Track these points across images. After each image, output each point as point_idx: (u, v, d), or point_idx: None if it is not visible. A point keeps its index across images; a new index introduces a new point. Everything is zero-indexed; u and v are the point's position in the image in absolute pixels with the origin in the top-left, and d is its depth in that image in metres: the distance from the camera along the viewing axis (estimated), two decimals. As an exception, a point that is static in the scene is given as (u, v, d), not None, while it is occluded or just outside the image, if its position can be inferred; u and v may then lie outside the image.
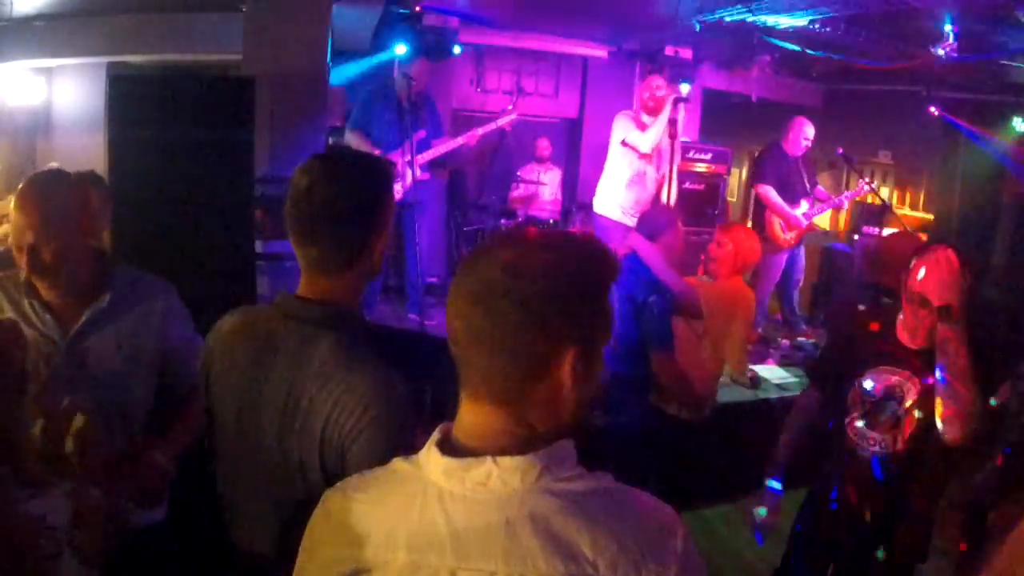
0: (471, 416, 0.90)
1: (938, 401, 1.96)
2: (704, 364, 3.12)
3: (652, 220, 3.17)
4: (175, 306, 1.84)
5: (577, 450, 0.91)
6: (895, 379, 2.13)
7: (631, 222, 4.78)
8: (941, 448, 2.05)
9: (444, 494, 0.86)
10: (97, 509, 1.42)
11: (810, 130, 5.33)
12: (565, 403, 0.90)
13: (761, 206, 5.47)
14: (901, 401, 2.11)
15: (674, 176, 4.86)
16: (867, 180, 5.57)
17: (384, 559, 0.87)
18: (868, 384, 2.18)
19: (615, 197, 4.85)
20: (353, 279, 1.33)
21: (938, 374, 1.95)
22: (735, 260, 3.25)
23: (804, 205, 5.42)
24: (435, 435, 0.91)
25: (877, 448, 2.15)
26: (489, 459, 0.86)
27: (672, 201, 4.95)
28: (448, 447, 0.89)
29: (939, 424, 1.96)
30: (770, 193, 5.33)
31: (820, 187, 5.61)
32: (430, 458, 0.89)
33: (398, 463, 0.93)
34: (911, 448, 2.11)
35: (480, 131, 5.21)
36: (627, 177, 4.83)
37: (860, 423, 2.19)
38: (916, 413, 2.09)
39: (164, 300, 1.81)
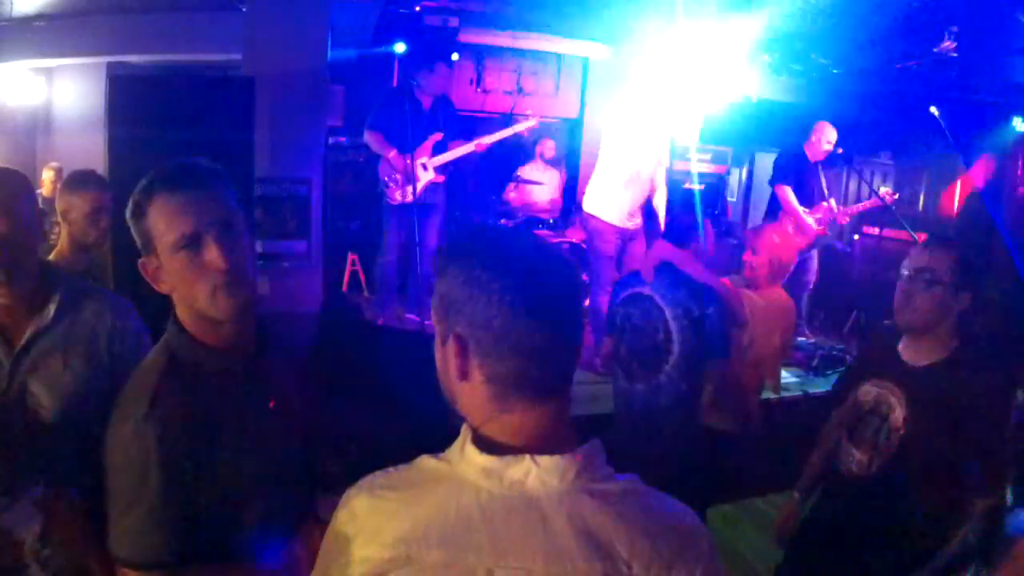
0: (513, 417, 0.89)
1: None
2: (749, 375, 2.96)
3: (681, 225, 2.98)
4: (128, 323, 1.70)
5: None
6: (883, 394, 1.99)
7: (629, 225, 4.73)
8: (921, 478, 1.88)
9: (481, 492, 0.86)
10: (69, 521, 1.33)
11: (832, 134, 5.28)
12: None
13: (775, 206, 5.44)
14: (884, 418, 1.96)
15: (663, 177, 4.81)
16: (890, 192, 5.57)
17: (416, 557, 0.85)
18: (858, 396, 2.06)
19: (612, 198, 4.70)
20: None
21: None
22: (771, 266, 3.06)
23: (821, 209, 5.39)
24: (466, 433, 0.90)
25: (853, 466, 2.01)
26: (528, 458, 0.86)
27: (665, 202, 4.89)
28: (483, 445, 0.88)
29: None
30: (788, 194, 5.28)
31: (834, 200, 5.57)
32: (466, 456, 0.88)
33: (426, 460, 0.92)
34: (886, 474, 1.93)
35: (497, 137, 5.17)
36: (624, 177, 4.69)
37: (844, 437, 2.08)
38: (899, 436, 1.91)
39: (114, 315, 1.67)
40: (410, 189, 4.92)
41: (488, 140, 5.13)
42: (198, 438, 1.20)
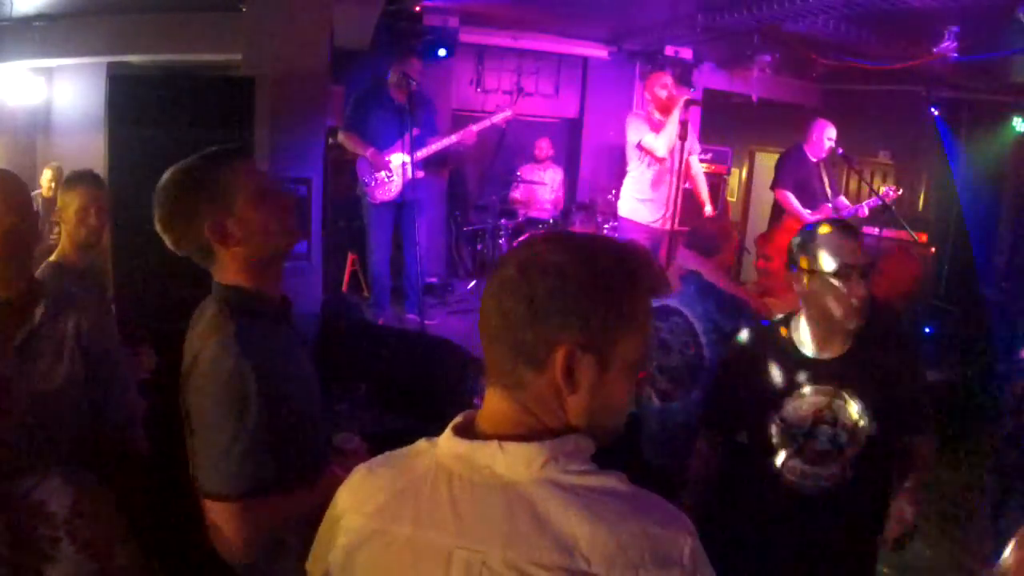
0: (489, 403, 0.93)
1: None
2: None
3: (707, 236, 2.90)
4: (100, 321, 1.74)
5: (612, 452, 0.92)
6: (820, 400, 1.86)
7: (661, 224, 4.77)
8: (891, 461, 1.90)
9: (453, 475, 0.89)
10: (97, 496, 1.39)
11: (832, 131, 5.24)
12: (570, 405, 0.90)
13: (779, 210, 5.41)
14: (834, 423, 1.85)
15: (685, 177, 4.83)
16: (893, 188, 5.55)
17: (388, 530, 0.92)
18: (789, 416, 1.88)
19: (643, 201, 4.83)
20: (226, 259, 1.45)
21: None
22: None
23: (825, 211, 5.34)
24: (457, 419, 0.95)
25: (825, 483, 1.88)
26: (495, 443, 0.88)
27: (678, 202, 4.91)
28: (464, 431, 0.92)
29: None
30: (789, 198, 5.24)
31: (842, 197, 5.56)
32: (444, 440, 0.93)
33: (422, 443, 0.96)
34: (861, 470, 1.87)
35: (475, 128, 5.21)
36: (650, 178, 4.79)
37: (795, 461, 1.90)
38: (859, 429, 1.84)
39: (91, 315, 1.71)
40: (391, 187, 4.94)
41: (464, 133, 5.15)
42: (276, 369, 1.39)
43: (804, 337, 1.91)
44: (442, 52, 5.31)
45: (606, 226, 6.32)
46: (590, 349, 0.87)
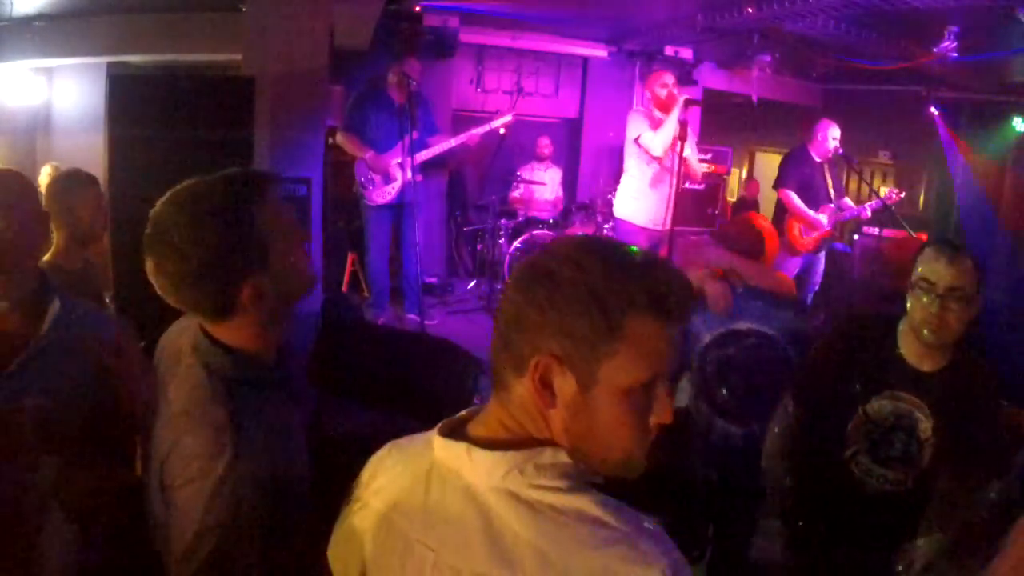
0: (489, 404, 0.92)
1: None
2: None
3: (747, 240, 2.71)
4: (125, 339, 1.65)
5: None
6: (903, 407, 1.91)
7: (659, 227, 4.75)
8: (956, 477, 1.92)
9: (434, 471, 0.90)
10: (84, 467, 1.37)
11: (836, 131, 5.21)
12: (551, 419, 0.85)
13: (782, 209, 5.41)
14: (911, 432, 1.90)
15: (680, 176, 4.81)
16: (896, 191, 5.57)
17: (369, 503, 0.96)
18: (873, 413, 1.94)
19: (641, 200, 4.77)
20: (244, 321, 1.18)
21: None
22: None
23: (827, 210, 5.33)
24: (462, 413, 0.95)
25: (888, 486, 1.94)
26: (465, 447, 0.87)
27: (673, 202, 4.90)
28: (450, 429, 0.92)
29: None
30: (792, 197, 5.24)
31: (847, 199, 5.55)
32: (435, 434, 0.92)
33: (437, 428, 0.95)
34: (925, 483, 1.92)
35: (476, 132, 5.22)
36: (649, 178, 4.73)
37: (865, 457, 1.96)
38: (931, 446, 1.89)
39: (110, 330, 1.62)
40: (393, 188, 4.96)
41: (465, 137, 5.16)
42: (273, 460, 1.13)
43: (908, 342, 1.94)
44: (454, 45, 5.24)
45: (606, 226, 6.33)
46: (569, 363, 0.82)
